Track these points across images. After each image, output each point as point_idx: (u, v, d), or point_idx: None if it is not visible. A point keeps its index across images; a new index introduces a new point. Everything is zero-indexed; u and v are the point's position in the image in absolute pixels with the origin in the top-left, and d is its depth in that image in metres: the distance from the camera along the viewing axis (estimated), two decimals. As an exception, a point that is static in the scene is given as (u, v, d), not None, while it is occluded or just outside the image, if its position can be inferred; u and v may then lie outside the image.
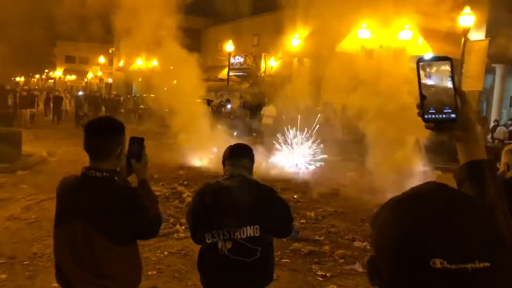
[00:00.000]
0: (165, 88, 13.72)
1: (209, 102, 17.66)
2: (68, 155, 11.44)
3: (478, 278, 0.71)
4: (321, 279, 5.13)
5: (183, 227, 6.68)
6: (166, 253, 5.75)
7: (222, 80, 27.91)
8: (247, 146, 2.93)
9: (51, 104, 23.17)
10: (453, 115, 1.07)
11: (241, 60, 28.55)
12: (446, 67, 1.07)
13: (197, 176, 10.63)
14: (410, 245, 0.75)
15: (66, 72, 54.62)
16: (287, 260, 5.61)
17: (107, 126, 2.39)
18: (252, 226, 2.59)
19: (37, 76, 65.34)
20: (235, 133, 13.96)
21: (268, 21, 25.97)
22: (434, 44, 16.82)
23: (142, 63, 24.46)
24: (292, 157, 12.67)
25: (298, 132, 12.65)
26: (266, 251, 2.66)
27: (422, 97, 1.07)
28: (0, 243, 5.78)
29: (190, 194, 8.56)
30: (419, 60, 1.08)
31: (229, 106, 19.89)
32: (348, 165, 12.97)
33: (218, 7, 28.25)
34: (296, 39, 21.13)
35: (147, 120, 19.45)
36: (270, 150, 12.66)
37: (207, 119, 13.46)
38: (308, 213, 7.87)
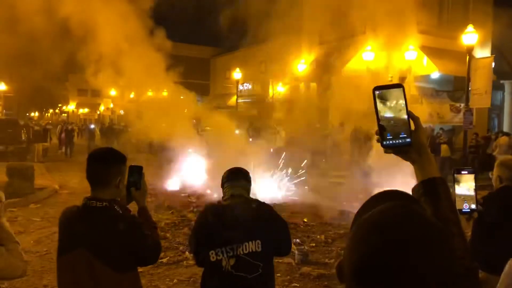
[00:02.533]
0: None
1: None
2: (80, 187, 11.58)
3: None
4: (330, 302, 5.08)
5: (192, 255, 6.68)
6: (175, 280, 5.75)
7: (231, 107, 28.18)
8: (244, 169, 3.04)
9: (63, 137, 23.57)
10: (408, 140, 1.15)
11: (249, 87, 28.89)
12: (400, 94, 1.13)
13: (207, 202, 10.65)
14: (368, 273, 0.81)
15: (78, 105, 55.65)
16: (296, 284, 5.57)
17: (107, 156, 2.46)
18: (254, 241, 2.68)
19: (51, 110, 66.64)
20: None
21: (275, 47, 26.35)
22: (439, 63, 16.88)
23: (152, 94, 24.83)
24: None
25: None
26: (267, 267, 2.74)
27: (380, 124, 1.14)
28: (11, 276, 5.82)
29: (199, 221, 8.59)
30: (374, 88, 1.14)
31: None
32: (358, 186, 12.90)
33: (225, 37, 28.79)
34: (302, 64, 21.37)
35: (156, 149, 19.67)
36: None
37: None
38: (318, 236, 7.82)
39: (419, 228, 0.86)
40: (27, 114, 39.34)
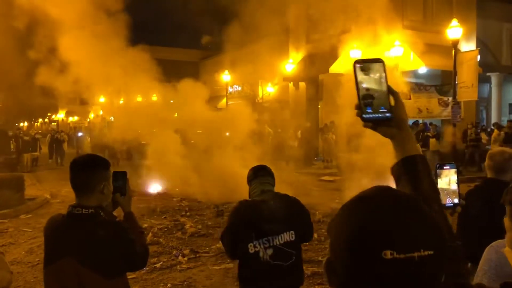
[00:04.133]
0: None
1: None
2: (71, 196, 11.29)
3: (423, 265, 0.80)
4: (324, 300, 5.09)
5: (185, 259, 6.67)
6: (169, 285, 5.73)
7: (221, 109, 28.16)
8: (267, 166, 3.28)
9: (53, 147, 23.40)
10: (388, 114, 1.13)
11: (239, 88, 28.88)
12: (380, 68, 1.12)
13: (199, 206, 10.65)
14: (362, 241, 0.82)
15: (68, 114, 55.19)
16: (290, 284, 5.58)
17: (89, 162, 2.44)
18: (288, 232, 2.95)
19: (40, 120, 66.10)
20: None
21: (262, 48, 26.39)
22: (425, 57, 17.00)
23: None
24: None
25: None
26: (298, 255, 3.01)
27: (360, 97, 1.12)
28: None
29: (192, 224, 8.57)
30: (355, 62, 1.12)
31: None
32: (350, 184, 12.96)
33: (213, 40, 28.79)
34: (290, 64, 21.42)
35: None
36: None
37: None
38: (311, 235, 7.84)
39: (405, 196, 0.89)
40: (16, 124, 38.96)
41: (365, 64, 1.12)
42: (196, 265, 6.44)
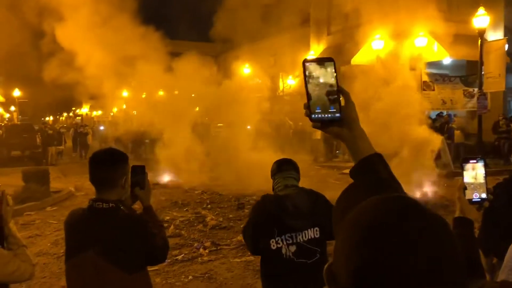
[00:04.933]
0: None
1: None
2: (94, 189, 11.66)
3: None
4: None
5: (206, 251, 6.71)
6: (190, 277, 5.77)
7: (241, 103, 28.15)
8: (291, 159, 3.15)
9: (78, 140, 23.84)
10: (337, 115, 1.10)
11: (259, 81, 28.82)
12: (330, 67, 1.10)
13: (220, 199, 10.69)
14: (367, 277, 0.72)
15: (92, 108, 56.11)
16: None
17: (110, 157, 2.45)
18: (313, 229, 2.84)
19: (65, 114, 67.37)
20: None
21: (284, 40, 26.25)
22: (450, 48, 16.61)
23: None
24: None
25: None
26: (323, 252, 2.88)
27: (309, 97, 1.09)
28: (30, 278, 5.92)
29: (213, 217, 8.61)
30: (305, 61, 1.10)
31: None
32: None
33: (233, 32, 28.71)
34: (311, 56, 21.24)
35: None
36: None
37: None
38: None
39: (421, 223, 0.75)
40: (42, 118, 39.83)
41: (315, 64, 1.10)
42: (217, 258, 6.47)
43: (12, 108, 37.52)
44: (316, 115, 1.10)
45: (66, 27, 12.78)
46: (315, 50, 21.83)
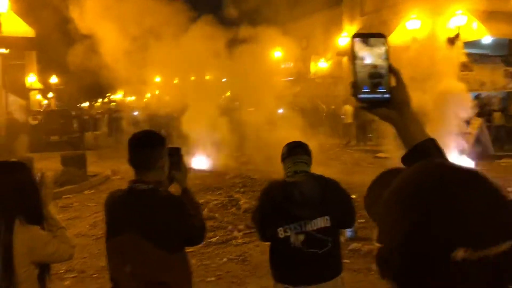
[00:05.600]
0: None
1: None
2: (130, 173, 11.85)
3: (502, 260, 0.66)
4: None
5: (241, 234, 6.76)
6: (225, 259, 5.84)
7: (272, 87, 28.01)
8: (303, 142, 3.00)
9: (113, 125, 24.38)
10: (386, 95, 1.01)
11: (291, 65, 28.56)
12: (382, 45, 1.01)
13: (253, 183, 10.73)
14: (426, 242, 0.68)
15: (126, 93, 57.17)
16: (346, 261, 5.48)
17: (149, 140, 2.48)
18: (322, 217, 2.70)
19: (100, 100, 68.95)
20: None
21: (316, 22, 25.85)
22: (490, 26, 15.93)
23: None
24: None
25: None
26: (335, 241, 2.77)
27: (355, 75, 1.00)
28: (71, 258, 6.14)
29: (247, 201, 8.65)
30: (354, 36, 1.02)
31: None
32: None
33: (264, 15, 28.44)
34: (343, 38, 20.84)
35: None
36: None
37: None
38: (367, 212, 7.68)
39: (465, 184, 0.71)
40: (78, 104, 40.88)
41: (365, 39, 1.01)
42: (251, 240, 6.49)
43: (50, 94, 38.60)
44: (363, 95, 1.00)
45: (94, 11, 12.92)
46: (348, 31, 21.39)
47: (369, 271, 5.20)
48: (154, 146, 2.43)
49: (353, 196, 8.74)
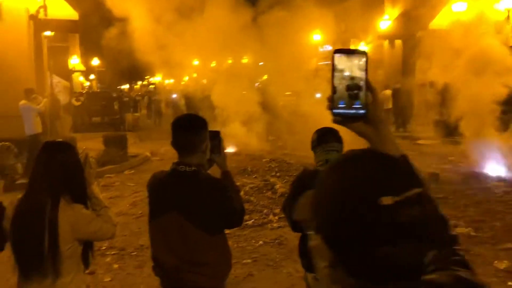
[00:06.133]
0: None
1: None
2: (169, 154, 12.17)
3: (418, 204, 0.85)
4: (419, 267, 4.92)
5: (276, 217, 6.79)
6: (260, 242, 5.90)
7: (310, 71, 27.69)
8: (333, 128, 2.86)
9: (152, 108, 24.84)
10: (362, 111, 1.04)
11: (330, 48, 28.09)
12: (362, 61, 1.04)
13: (289, 167, 10.72)
14: (356, 192, 0.85)
15: (164, 76, 57.98)
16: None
17: (193, 123, 2.50)
18: None
19: (140, 82, 70.20)
20: None
21: (356, 5, 25.24)
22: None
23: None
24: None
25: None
26: None
27: (333, 90, 1.04)
28: (112, 236, 6.36)
29: (282, 185, 8.67)
30: (336, 51, 1.05)
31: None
32: (448, 148, 12.21)
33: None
34: (385, 21, 20.27)
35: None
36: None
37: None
38: (405, 200, 7.55)
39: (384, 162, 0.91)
40: (118, 87, 41.78)
41: (345, 55, 1.04)
42: (287, 225, 6.50)
43: (92, 76, 39.61)
44: (339, 110, 1.04)
45: None
46: (390, 14, 20.78)
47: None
48: (197, 129, 2.46)
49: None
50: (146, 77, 67.56)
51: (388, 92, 17.93)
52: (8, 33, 12.75)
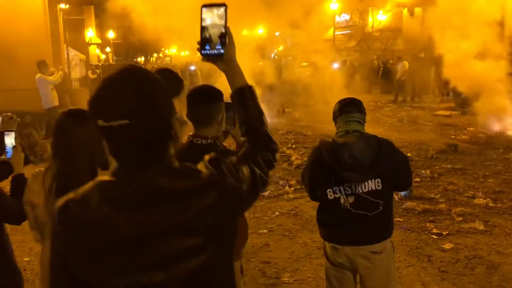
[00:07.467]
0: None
1: None
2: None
3: (124, 131, 1.10)
4: (436, 237, 4.90)
5: (292, 189, 6.82)
6: (276, 213, 5.94)
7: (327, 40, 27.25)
8: (356, 99, 2.83)
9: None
10: (221, 51, 1.36)
11: (347, 17, 27.51)
12: (220, 11, 1.32)
13: (304, 139, 10.71)
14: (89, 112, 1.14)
15: (180, 48, 57.68)
16: (399, 219, 5.45)
17: (208, 95, 2.47)
18: (374, 180, 2.61)
19: (155, 55, 70.08)
20: None
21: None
22: None
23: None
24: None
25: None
26: (387, 204, 2.68)
27: (202, 35, 1.34)
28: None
29: (298, 157, 8.68)
30: (203, 6, 1.32)
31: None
32: (467, 119, 12.02)
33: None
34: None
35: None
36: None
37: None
38: (423, 171, 7.49)
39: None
40: (134, 59, 41.82)
41: (209, 7, 1.32)
42: (302, 196, 6.54)
43: (108, 49, 39.68)
44: (205, 51, 1.35)
45: None
46: (409, -19, 20.15)
47: (422, 230, 5.13)
48: (212, 101, 2.43)
49: (409, 155, 8.55)
50: (161, 49, 67.44)
51: (406, 63, 17.60)
52: (24, 7, 12.77)
